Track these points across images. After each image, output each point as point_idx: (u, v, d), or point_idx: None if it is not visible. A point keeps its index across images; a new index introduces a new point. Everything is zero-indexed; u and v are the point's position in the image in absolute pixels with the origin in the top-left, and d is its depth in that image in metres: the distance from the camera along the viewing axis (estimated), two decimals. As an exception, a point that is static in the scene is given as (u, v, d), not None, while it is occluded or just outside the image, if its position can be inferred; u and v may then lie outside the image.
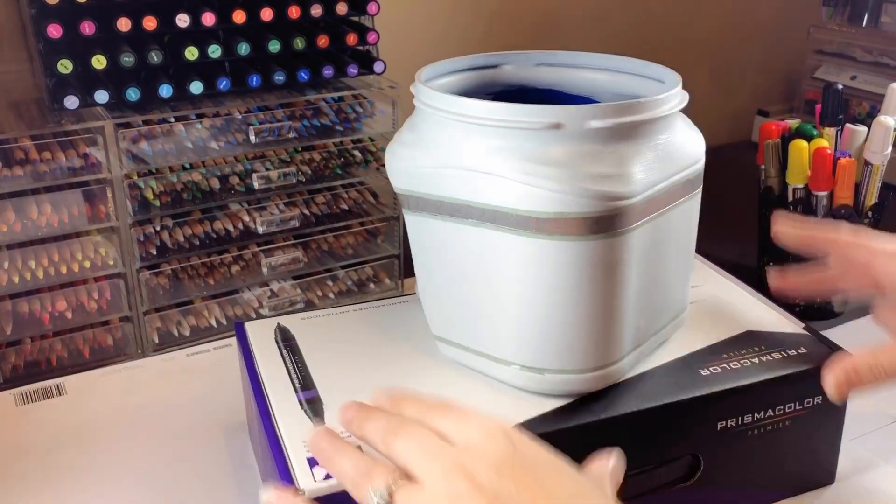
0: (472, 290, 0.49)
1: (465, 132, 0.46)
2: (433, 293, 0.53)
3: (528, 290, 0.47)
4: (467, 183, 0.46)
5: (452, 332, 0.52)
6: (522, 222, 0.45)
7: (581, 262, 0.45)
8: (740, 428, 0.51)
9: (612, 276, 0.47)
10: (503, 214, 0.45)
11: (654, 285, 0.51)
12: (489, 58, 0.59)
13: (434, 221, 0.50)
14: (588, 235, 0.45)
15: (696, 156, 0.51)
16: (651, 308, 0.51)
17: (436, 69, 0.55)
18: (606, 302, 0.47)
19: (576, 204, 0.44)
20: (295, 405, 0.48)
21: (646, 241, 0.48)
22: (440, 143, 0.48)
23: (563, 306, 0.47)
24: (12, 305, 0.66)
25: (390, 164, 0.51)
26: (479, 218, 0.47)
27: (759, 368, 0.51)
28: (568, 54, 0.58)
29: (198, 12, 0.68)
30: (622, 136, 0.46)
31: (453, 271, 0.50)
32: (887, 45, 1.11)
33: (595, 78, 0.58)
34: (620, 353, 0.49)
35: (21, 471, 0.58)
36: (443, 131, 0.48)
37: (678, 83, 0.50)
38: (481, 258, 0.48)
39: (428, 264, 0.53)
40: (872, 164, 0.75)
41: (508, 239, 0.46)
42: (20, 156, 0.64)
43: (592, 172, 0.44)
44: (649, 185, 0.46)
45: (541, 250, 0.45)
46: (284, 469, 0.44)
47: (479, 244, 0.48)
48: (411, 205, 0.51)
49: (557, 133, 0.45)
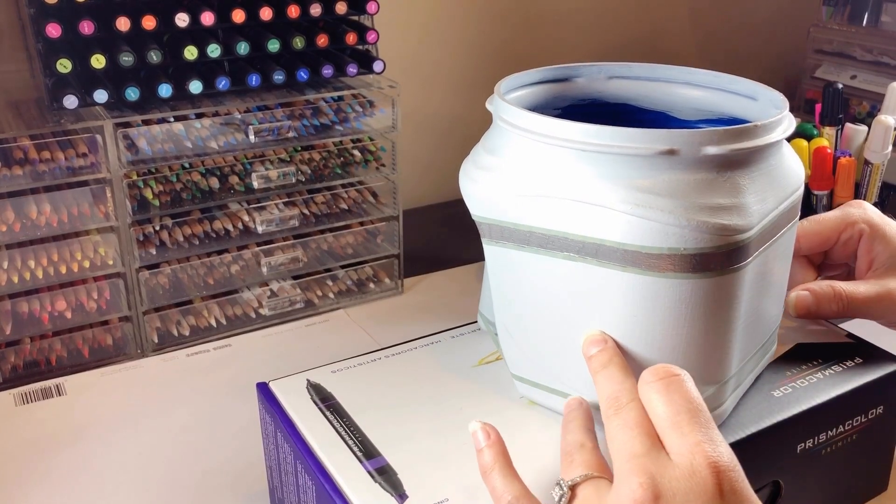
0: (564, 329, 0.45)
1: (562, 157, 0.42)
2: (515, 330, 0.48)
3: (631, 330, 0.43)
4: (564, 213, 0.42)
5: (536, 373, 0.47)
6: (631, 258, 0.41)
7: (693, 302, 0.41)
8: (817, 448, 0.49)
9: (725, 316, 0.43)
10: (607, 249, 0.41)
11: (756, 322, 0.47)
12: (560, 70, 0.54)
13: (519, 253, 0.45)
14: (703, 273, 0.41)
15: (799, 181, 0.47)
16: (752, 346, 0.48)
17: (510, 83, 0.51)
18: (717, 344, 0.44)
19: (692, 239, 0.40)
20: (364, 478, 0.43)
21: (754, 277, 0.44)
22: (530, 168, 0.43)
23: (671, 350, 0.43)
24: (12, 305, 0.66)
25: (466, 189, 0.47)
26: (577, 251, 0.42)
27: (828, 384, 0.49)
28: (645, 67, 0.54)
29: (197, 12, 0.68)
30: (737, 163, 0.42)
31: (542, 308, 0.45)
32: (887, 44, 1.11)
33: (673, 92, 0.54)
34: (724, 397, 0.46)
35: (21, 471, 0.58)
36: (532, 155, 0.44)
37: (785, 104, 0.46)
38: (577, 295, 0.44)
39: (509, 298, 0.48)
40: (872, 164, 0.75)
41: (612, 275, 0.42)
42: (19, 155, 0.64)
43: (708, 204, 0.40)
44: (763, 215, 0.43)
45: (650, 289, 0.41)
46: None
47: (575, 280, 0.43)
48: (493, 234, 0.46)
49: (670, 160, 0.40)
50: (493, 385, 0.50)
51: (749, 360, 0.48)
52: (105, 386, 0.67)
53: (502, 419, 0.47)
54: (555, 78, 0.54)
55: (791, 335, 0.55)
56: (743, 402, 0.48)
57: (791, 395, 0.49)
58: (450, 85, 1.05)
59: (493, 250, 0.47)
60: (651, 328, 0.42)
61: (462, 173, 0.48)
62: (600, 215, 0.41)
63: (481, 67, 1.05)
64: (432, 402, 0.49)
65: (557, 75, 0.54)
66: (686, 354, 0.43)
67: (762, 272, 0.45)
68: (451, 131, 1.05)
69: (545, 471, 0.44)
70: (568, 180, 0.42)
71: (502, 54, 1.07)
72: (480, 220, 0.46)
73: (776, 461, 0.48)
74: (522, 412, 0.48)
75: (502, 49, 1.07)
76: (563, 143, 0.42)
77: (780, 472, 0.48)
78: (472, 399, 0.49)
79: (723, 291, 0.42)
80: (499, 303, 0.48)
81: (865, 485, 0.54)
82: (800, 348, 0.53)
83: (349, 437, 0.46)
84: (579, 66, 0.55)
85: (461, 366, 0.52)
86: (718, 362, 0.44)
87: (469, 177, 0.47)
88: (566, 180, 0.42)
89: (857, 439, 0.51)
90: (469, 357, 0.53)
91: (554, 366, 0.46)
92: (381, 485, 0.42)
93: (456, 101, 1.05)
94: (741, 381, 0.48)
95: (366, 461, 0.44)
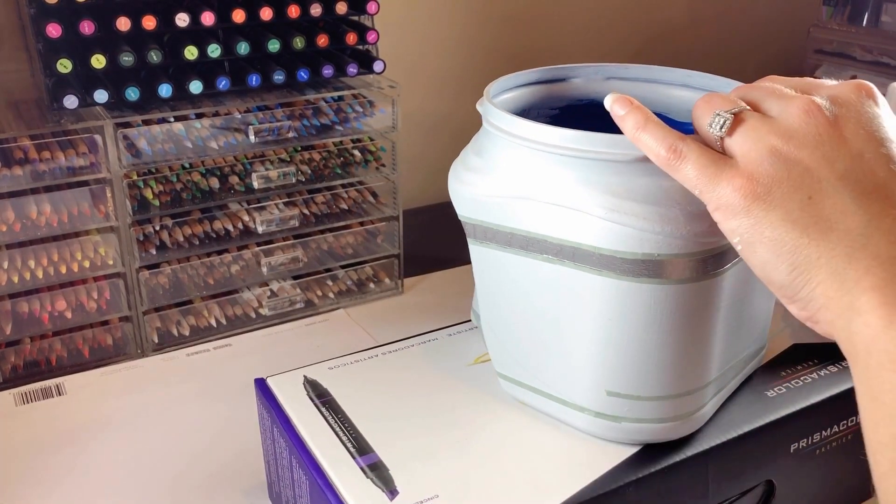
0: (544, 330, 0.46)
1: (543, 161, 0.43)
2: (499, 329, 0.49)
3: (607, 335, 0.43)
4: (544, 216, 0.43)
5: (518, 371, 0.48)
6: (606, 262, 0.41)
7: (669, 308, 0.41)
8: (810, 447, 0.49)
9: (701, 322, 0.43)
10: (583, 253, 0.41)
11: (739, 328, 0.47)
12: (557, 71, 0.54)
13: (503, 254, 0.46)
14: (679, 279, 0.41)
15: None
16: (735, 351, 0.48)
17: (502, 84, 0.51)
18: (693, 350, 0.44)
19: (667, 245, 0.40)
20: (356, 474, 0.43)
21: (735, 282, 0.44)
22: (513, 171, 0.44)
23: (646, 355, 0.43)
24: (12, 305, 0.66)
25: (454, 189, 0.47)
26: (555, 254, 0.43)
27: (823, 384, 0.49)
28: (642, 68, 0.54)
29: (197, 12, 0.68)
30: None
31: (523, 308, 0.46)
32: (887, 44, 1.10)
33: (671, 94, 0.54)
34: (702, 401, 0.46)
35: (21, 471, 0.58)
36: (516, 158, 0.44)
37: None
38: (556, 297, 0.44)
39: (494, 298, 0.48)
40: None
41: (588, 279, 0.42)
42: (19, 155, 0.64)
43: (685, 209, 0.40)
44: None
45: (624, 294, 0.41)
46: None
47: (554, 282, 0.44)
48: (478, 234, 0.47)
49: (647, 166, 0.40)
50: (488, 384, 0.51)
51: (733, 364, 0.48)
52: (105, 386, 0.67)
53: (496, 418, 0.48)
54: (551, 78, 0.54)
55: (787, 335, 0.55)
56: (736, 402, 0.48)
57: (785, 395, 0.49)
58: (450, 85, 1.05)
59: (479, 250, 0.48)
60: (626, 332, 0.42)
61: (451, 174, 0.48)
62: (577, 219, 0.41)
63: (481, 67, 1.05)
64: (426, 400, 0.49)
65: (555, 75, 0.54)
66: (661, 359, 0.43)
67: (746, 277, 0.45)
68: (451, 131, 1.05)
69: (539, 471, 0.44)
70: (548, 184, 0.42)
71: (502, 54, 1.07)
72: (466, 221, 0.47)
73: (770, 461, 0.48)
74: (516, 411, 0.48)
75: (502, 49, 1.07)
76: (543, 147, 0.42)
77: (774, 471, 0.49)
78: (465, 397, 0.50)
79: (700, 298, 0.42)
80: (484, 302, 0.49)
81: (859, 485, 0.54)
82: (795, 349, 0.53)
83: (343, 433, 0.46)
84: (577, 67, 0.54)
85: (456, 364, 0.53)
86: (696, 368, 0.44)
87: (457, 177, 0.47)
88: (546, 184, 0.42)
89: (851, 440, 0.51)
90: (464, 356, 0.53)
91: (534, 365, 0.47)
92: (373, 480, 0.43)
93: (456, 102, 1.05)
94: (724, 385, 0.48)
95: (358, 457, 0.45)
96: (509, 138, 0.44)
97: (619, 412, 0.45)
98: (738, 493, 0.48)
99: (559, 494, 0.42)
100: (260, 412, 0.51)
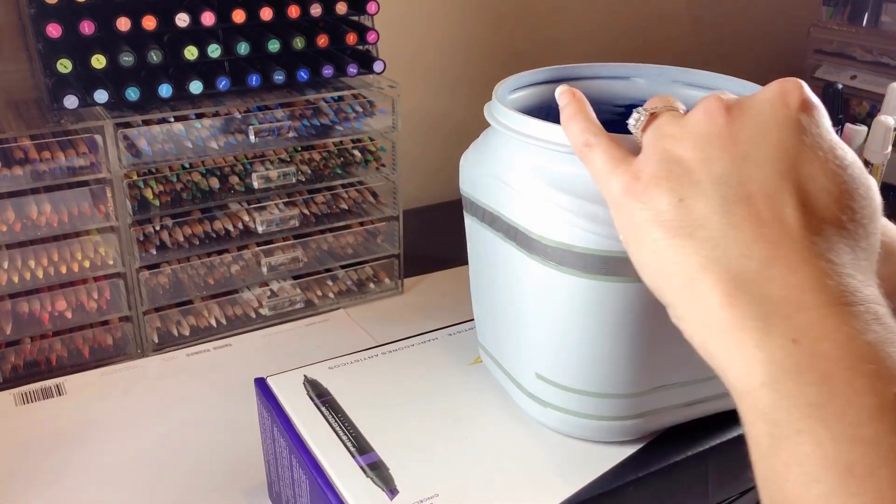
0: (501, 304, 0.47)
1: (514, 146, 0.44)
2: (478, 298, 0.51)
3: (536, 319, 0.44)
4: (501, 195, 0.44)
5: (488, 341, 0.51)
6: (534, 246, 0.42)
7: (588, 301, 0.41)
8: None
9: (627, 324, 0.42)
10: (521, 234, 0.43)
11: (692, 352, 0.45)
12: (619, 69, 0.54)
13: (481, 228, 0.48)
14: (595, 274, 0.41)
15: None
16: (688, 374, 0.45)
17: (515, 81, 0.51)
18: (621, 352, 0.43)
19: (581, 238, 0.40)
20: (356, 473, 0.43)
21: None
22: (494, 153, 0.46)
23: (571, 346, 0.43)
24: (12, 305, 0.66)
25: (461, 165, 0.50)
26: (505, 232, 0.45)
27: None
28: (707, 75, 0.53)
29: (197, 12, 0.68)
30: None
31: (489, 279, 0.48)
32: (887, 44, 1.11)
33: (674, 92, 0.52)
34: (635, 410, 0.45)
35: (21, 471, 0.58)
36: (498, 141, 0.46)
37: None
38: (505, 272, 0.46)
39: (475, 267, 0.51)
40: (872, 164, 0.75)
41: (523, 259, 0.43)
42: (20, 155, 0.64)
43: None
44: None
45: (549, 279, 0.42)
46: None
47: (504, 258, 0.45)
48: (468, 207, 0.49)
49: None
50: (488, 384, 0.51)
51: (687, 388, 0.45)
52: (105, 386, 0.67)
53: (496, 418, 0.48)
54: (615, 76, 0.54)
55: None
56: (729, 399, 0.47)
57: None
58: (450, 85, 1.05)
59: (468, 222, 0.50)
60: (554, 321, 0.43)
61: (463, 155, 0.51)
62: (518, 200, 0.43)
63: (481, 67, 1.05)
64: (426, 399, 0.50)
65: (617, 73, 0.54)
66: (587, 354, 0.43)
67: None
68: (452, 131, 1.05)
69: (539, 470, 0.44)
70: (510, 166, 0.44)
71: (502, 54, 1.07)
72: (463, 194, 0.50)
73: None
74: (514, 411, 0.49)
75: (502, 49, 1.07)
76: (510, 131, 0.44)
77: None
78: (465, 397, 0.50)
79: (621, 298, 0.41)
80: (471, 270, 0.52)
81: None
82: None
83: (343, 433, 0.47)
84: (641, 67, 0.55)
85: (456, 364, 0.53)
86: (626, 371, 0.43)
87: (464, 155, 0.50)
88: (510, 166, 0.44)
89: None
90: (464, 355, 0.54)
91: (494, 337, 0.49)
92: (373, 480, 0.43)
93: (456, 101, 1.05)
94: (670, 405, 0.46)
95: (358, 456, 0.45)
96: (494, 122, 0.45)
97: (545, 397, 0.46)
98: (738, 493, 0.48)
99: (559, 494, 0.42)
100: (260, 412, 0.52)
